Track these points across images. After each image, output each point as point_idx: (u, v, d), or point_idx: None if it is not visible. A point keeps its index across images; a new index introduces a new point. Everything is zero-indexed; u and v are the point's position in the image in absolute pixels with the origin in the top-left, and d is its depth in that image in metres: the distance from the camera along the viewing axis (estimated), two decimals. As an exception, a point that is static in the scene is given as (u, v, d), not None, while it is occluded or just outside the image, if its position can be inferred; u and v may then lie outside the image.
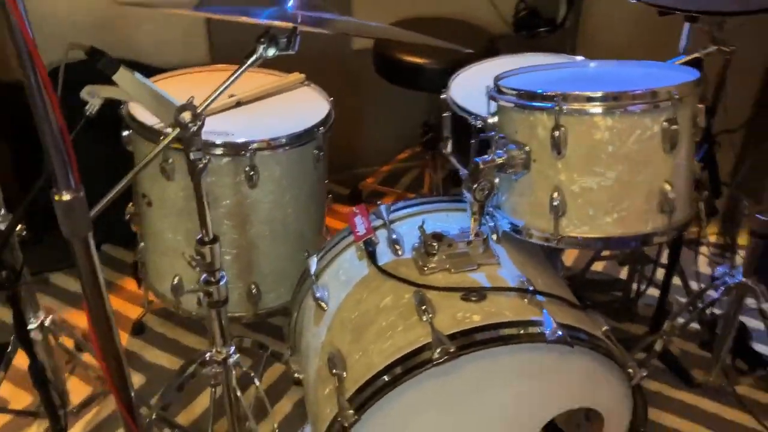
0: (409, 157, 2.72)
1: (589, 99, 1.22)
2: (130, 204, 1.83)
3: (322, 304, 1.45)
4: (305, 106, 1.74)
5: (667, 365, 1.97)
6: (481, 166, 1.29)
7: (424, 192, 2.71)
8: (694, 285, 2.13)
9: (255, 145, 1.54)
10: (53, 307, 2.23)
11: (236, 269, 1.68)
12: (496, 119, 1.39)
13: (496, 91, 1.38)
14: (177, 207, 1.61)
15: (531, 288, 1.31)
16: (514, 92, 1.32)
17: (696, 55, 1.53)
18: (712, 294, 1.81)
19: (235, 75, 1.17)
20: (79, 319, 2.12)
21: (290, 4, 1.17)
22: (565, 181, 1.27)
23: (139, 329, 2.14)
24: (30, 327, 1.62)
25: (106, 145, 1.65)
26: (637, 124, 1.22)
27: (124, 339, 2.13)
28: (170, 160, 1.54)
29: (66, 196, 0.91)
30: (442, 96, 1.80)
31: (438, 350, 1.17)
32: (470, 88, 1.79)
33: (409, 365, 1.19)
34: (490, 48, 2.36)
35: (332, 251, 1.55)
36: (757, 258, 1.65)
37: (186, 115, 1.15)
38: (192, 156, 1.19)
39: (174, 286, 1.70)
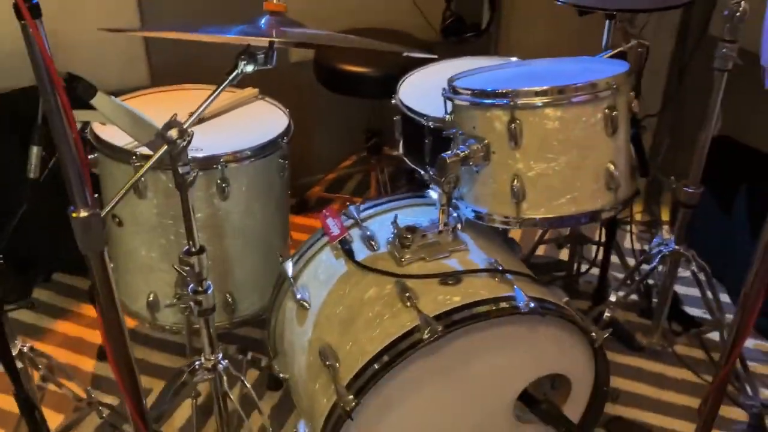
0: (355, 163, 2.82)
1: (538, 93, 1.36)
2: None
3: (305, 304, 1.53)
4: (265, 119, 1.81)
5: (613, 334, 2.15)
6: (448, 161, 1.40)
7: (371, 194, 2.81)
8: (629, 260, 2.33)
9: (225, 158, 1.60)
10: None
11: (211, 280, 1.72)
12: (452, 117, 1.52)
13: (451, 92, 1.50)
14: (150, 224, 1.65)
15: (501, 268, 1.44)
16: (469, 91, 1.45)
17: (620, 49, 1.70)
18: (647, 266, 2.00)
19: (217, 91, 1.25)
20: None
21: (263, 21, 1.26)
22: (523, 168, 1.41)
23: (105, 353, 2.15)
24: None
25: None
26: (582, 113, 1.37)
27: (91, 364, 2.13)
28: (143, 179, 1.59)
29: (84, 213, 0.96)
30: (393, 101, 1.91)
31: (427, 331, 1.27)
32: (418, 92, 1.91)
33: (401, 348, 1.29)
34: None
35: (307, 254, 1.63)
36: (686, 226, 1.85)
37: (173, 132, 1.22)
38: (181, 170, 1.25)
39: (150, 303, 1.74)
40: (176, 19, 2.11)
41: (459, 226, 1.55)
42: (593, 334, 1.44)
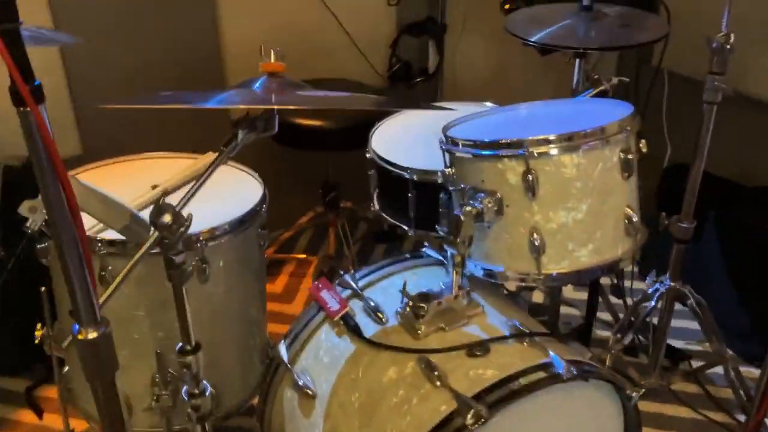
0: (311, 220, 2.67)
1: (553, 141, 1.27)
2: (39, 326, 1.61)
3: (309, 392, 1.36)
4: (236, 186, 1.64)
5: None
6: (463, 220, 1.29)
7: (329, 253, 2.66)
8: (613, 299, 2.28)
9: (203, 236, 1.42)
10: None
11: (191, 373, 1.52)
12: (453, 170, 1.41)
13: (450, 144, 1.40)
14: (119, 318, 1.43)
15: (527, 331, 1.32)
16: (472, 143, 1.34)
17: (602, 87, 1.66)
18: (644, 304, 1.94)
19: (215, 165, 1.08)
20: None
21: (257, 85, 1.11)
22: (541, 220, 1.31)
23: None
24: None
25: None
26: (599, 157, 1.30)
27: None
28: (109, 268, 1.38)
29: (91, 334, 0.78)
30: (368, 155, 1.79)
31: (470, 415, 1.13)
32: (392, 143, 1.80)
33: (442, 437, 1.14)
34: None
35: (302, 334, 1.47)
36: (681, 262, 1.80)
37: (167, 217, 1.04)
38: (177, 260, 1.07)
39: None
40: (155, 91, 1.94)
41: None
42: (629, 391, 1.34)
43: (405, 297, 1.36)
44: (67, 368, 1.60)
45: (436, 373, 1.22)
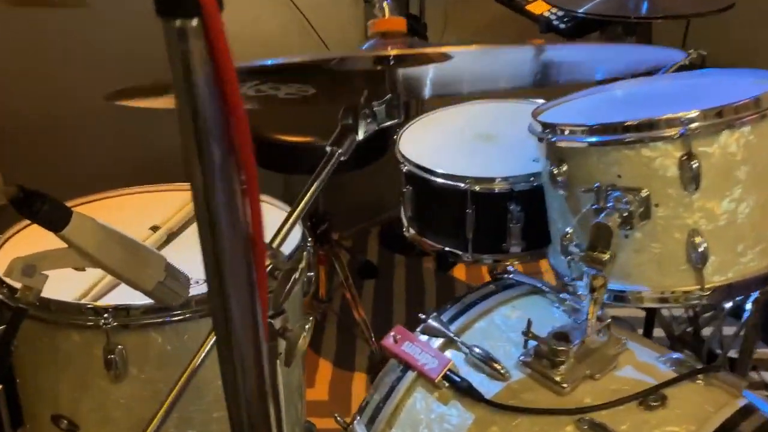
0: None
1: (710, 116, 0.98)
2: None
3: (417, 486, 0.99)
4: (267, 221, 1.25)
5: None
6: (611, 228, 0.97)
7: (321, 296, 2.27)
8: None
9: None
10: None
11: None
12: (562, 168, 1.09)
13: (556, 133, 1.08)
14: (131, 419, 1.01)
15: (696, 366, 1.01)
16: (599, 127, 1.03)
17: (680, 63, 1.40)
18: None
19: (329, 168, 0.70)
20: None
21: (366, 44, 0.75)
22: (703, 219, 1.01)
23: None
24: None
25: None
26: (764, 135, 1.01)
27: None
28: (119, 348, 0.96)
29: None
30: (404, 168, 1.45)
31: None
32: (431, 151, 1.46)
33: None
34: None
35: (386, 407, 1.09)
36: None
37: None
38: (278, 324, 0.69)
39: None
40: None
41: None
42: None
43: (533, 340, 1.02)
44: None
45: (616, 439, 0.89)
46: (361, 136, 0.72)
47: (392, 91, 0.73)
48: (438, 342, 1.12)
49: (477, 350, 1.07)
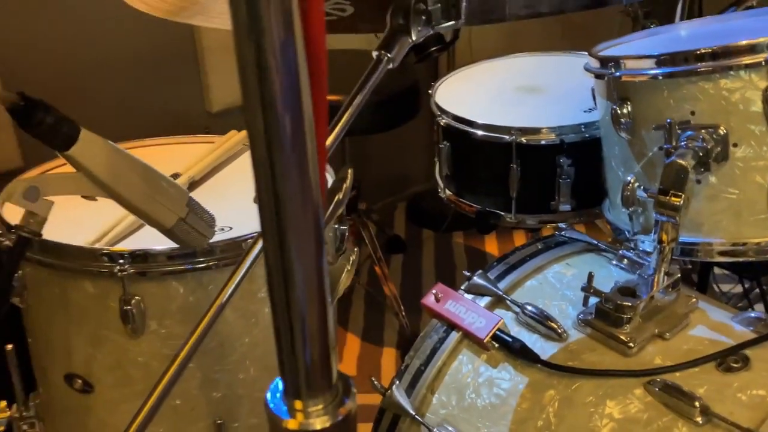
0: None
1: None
2: (3, 405, 1.07)
3: (464, 455, 0.89)
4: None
5: None
6: (688, 166, 0.85)
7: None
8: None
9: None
10: None
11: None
12: (627, 107, 0.98)
13: (618, 67, 0.97)
14: (148, 373, 0.92)
15: (777, 324, 0.90)
16: (669, 57, 0.92)
17: (749, 2, 1.28)
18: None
19: (375, 78, 0.60)
20: None
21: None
22: (788, 161, 0.90)
23: None
24: None
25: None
26: None
27: None
28: (137, 299, 0.87)
29: (320, 419, 0.30)
30: (441, 120, 1.35)
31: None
32: (470, 103, 1.36)
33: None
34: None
35: (429, 370, 0.99)
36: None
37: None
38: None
39: None
40: None
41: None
42: None
43: (595, 296, 0.92)
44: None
45: (696, 403, 0.78)
46: (414, 38, 0.62)
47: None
48: (485, 301, 1.01)
49: (530, 308, 0.97)
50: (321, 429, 0.32)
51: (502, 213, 1.32)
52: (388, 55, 0.62)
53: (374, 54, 0.63)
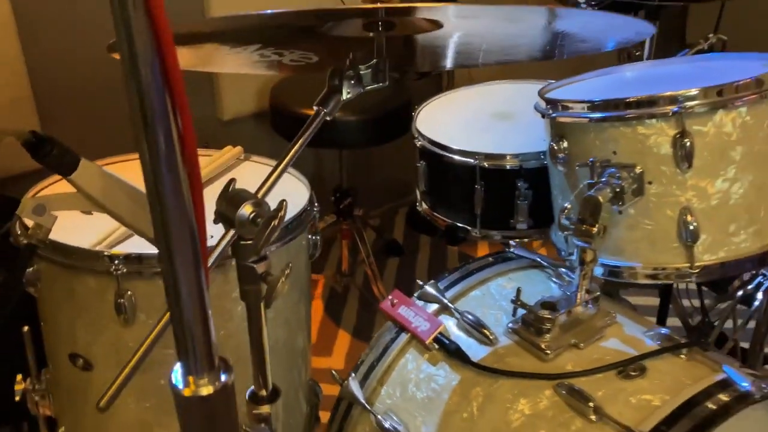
0: (321, 230, 2.33)
1: (707, 95, 0.99)
2: (19, 378, 1.25)
3: (403, 439, 1.04)
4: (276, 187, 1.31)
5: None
6: (602, 201, 0.99)
7: (343, 270, 2.33)
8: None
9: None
10: None
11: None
12: (563, 144, 1.12)
13: (557, 109, 1.11)
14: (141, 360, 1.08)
15: (682, 340, 1.03)
16: (599, 103, 1.05)
17: (700, 47, 1.40)
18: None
19: (314, 126, 0.76)
20: None
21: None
22: (695, 198, 1.03)
23: None
24: None
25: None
26: (763, 116, 1.02)
27: None
28: (128, 294, 1.03)
29: (205, 388, 0.45)
30: (418, 142, 1.49)
31: (658, 459, 0.83)
32: (445, 128, 1.50)
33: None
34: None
35: (379, 365, 1.14)
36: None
37: (247, 209, 0.71)
38: (258, 270, 0.74)
39: (143, 478, 1.15)
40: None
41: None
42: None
43: (522, 308, 1.06)
44: (62, 430, 1.24)
45: (591, 404, 0.92)
46: (345, 96, 0.77)
47: (379, 55, 0.77)
48: (433, 307, 1.16)
49: (469, 316, 1.12)
50: (206, 394, 0.47)
51: (469, 228, 1.46)
52: (325, 110, 0.77)
53: (314, 108, 0.78)
